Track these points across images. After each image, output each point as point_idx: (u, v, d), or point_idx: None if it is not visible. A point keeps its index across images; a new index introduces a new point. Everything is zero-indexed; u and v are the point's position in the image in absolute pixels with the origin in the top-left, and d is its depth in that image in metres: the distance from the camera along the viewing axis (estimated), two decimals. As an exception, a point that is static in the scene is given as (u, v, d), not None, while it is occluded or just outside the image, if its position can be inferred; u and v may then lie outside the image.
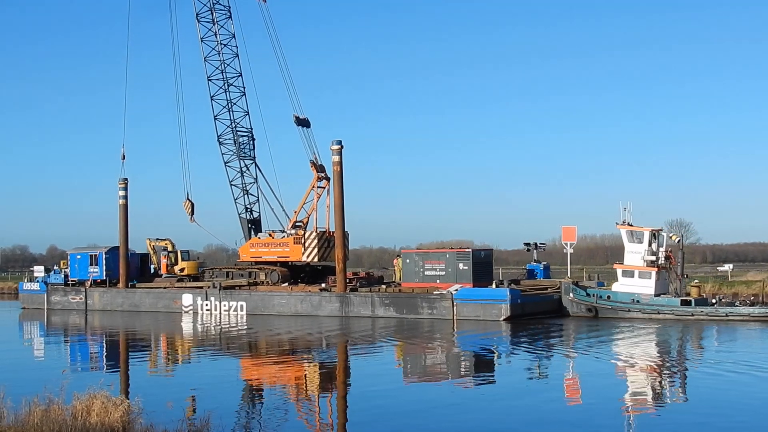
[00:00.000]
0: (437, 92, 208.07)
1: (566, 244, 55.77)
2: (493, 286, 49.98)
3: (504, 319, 47.76)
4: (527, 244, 59.91)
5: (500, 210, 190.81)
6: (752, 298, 50.67)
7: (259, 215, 64.82)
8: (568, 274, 57.30)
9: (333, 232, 57.24)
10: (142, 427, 17.24)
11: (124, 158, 66.11)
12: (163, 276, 67.11)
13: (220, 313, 57.96)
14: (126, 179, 66.24)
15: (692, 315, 46.18)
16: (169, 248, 68.70)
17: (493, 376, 30.70)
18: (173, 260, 68.15)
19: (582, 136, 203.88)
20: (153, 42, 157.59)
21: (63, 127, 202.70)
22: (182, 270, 66.94)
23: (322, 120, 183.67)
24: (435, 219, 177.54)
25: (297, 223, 61.42)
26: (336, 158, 54.66)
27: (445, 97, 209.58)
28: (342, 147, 54.61)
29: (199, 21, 63.45)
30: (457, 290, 50.01)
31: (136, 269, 68.66)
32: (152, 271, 69.10)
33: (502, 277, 55.53)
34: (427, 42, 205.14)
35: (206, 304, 58.93)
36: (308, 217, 61.35)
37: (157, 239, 69.65)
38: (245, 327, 50.09)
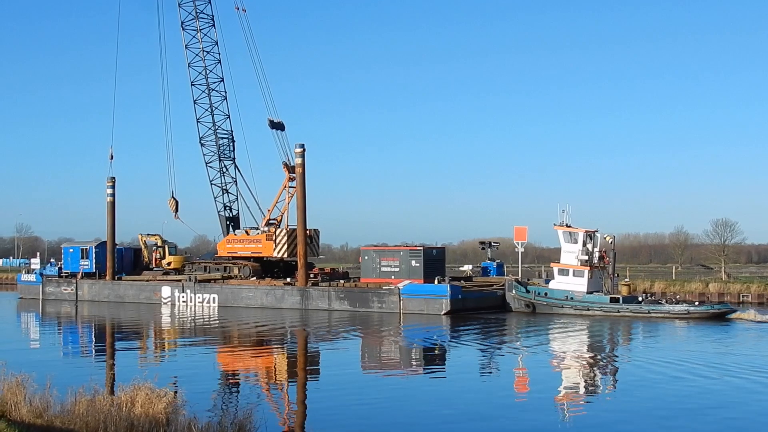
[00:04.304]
0: (440, 87, 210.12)
1: (517, 244, 58.30)
2: (435, 282, 52.94)
3: (444, 314, 50.70)
4: (482, 243, 62.73)
5: (521, 209, 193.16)
6: (677, 296, 52.91)
7: (238, 213, 68.61)
8: (519, 273, 59.93)
9: (308, 230, 60.51)
10: (185, 419, 17.18)
11: (112, 158, 69.97)
12: (153, 269, 71.24)
13: (195, 304, 61.67)
14: (113, 178, 70.03)
15: (619, 312, 48.73)
16: (159, 243, 72.80)
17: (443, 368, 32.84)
18: (162, 254, 72.24)
19: (624, 133, 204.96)
20: (140, 43, 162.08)
21: (88, 122, 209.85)
22: (169, 264, 70.95)
23: (320, 120, 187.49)
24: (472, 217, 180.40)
25: (270, 221, 65.12)
26: (299, 160, 58.13)
27: (448, 90, 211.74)
28: (304, 150, 58.09)
29: (183, 29, 67.20)
30: (404, 286, 53.05)
31: (130, 263, 72.89)
32: (144, 264, 73.31)
33: (466, 273, 58.27)
34: (423, 45, 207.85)
35: (182, 296, 62.73)
36: (281, 215, 65.01)
37: (148, 234, 73.77)
38: (216, 318, 53.13)
